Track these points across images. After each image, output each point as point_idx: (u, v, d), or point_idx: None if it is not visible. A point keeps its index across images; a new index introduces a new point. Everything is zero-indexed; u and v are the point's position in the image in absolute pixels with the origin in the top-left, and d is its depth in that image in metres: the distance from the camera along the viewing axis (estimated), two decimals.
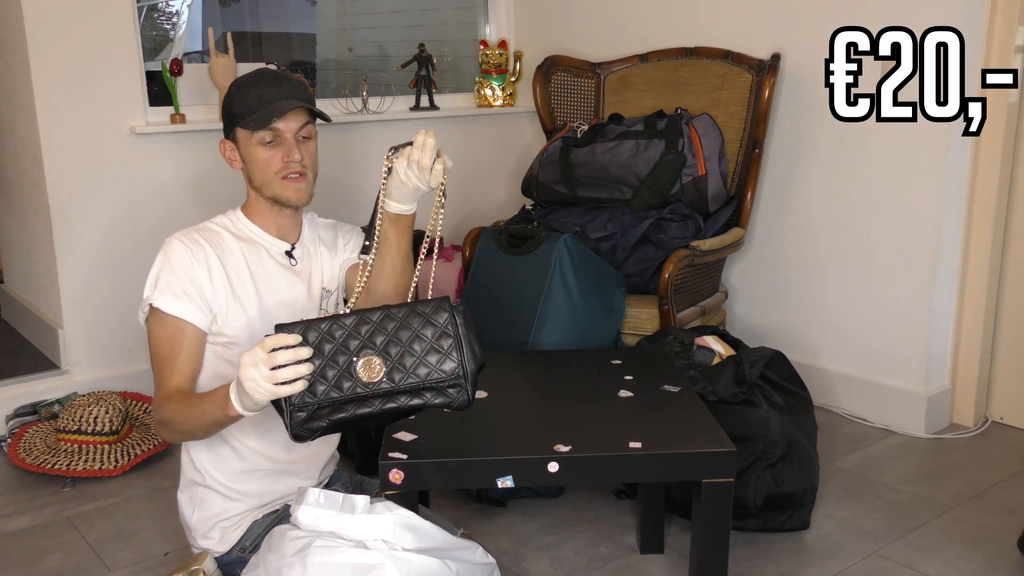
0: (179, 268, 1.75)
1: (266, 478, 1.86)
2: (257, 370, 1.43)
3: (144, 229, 3.04)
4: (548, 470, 1.60)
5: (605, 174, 2.81)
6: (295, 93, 1.80)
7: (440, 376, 1.50)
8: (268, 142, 1.78)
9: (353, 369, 1.48)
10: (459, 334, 1.52)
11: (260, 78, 1.81)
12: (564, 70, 3.23)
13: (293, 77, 1.85)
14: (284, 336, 1.45)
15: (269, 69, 1.88)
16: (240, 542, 1.84)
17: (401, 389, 1.50)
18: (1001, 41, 2.61)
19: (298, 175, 1.80)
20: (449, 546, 1.58)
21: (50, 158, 2.85)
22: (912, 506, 2.36)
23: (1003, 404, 2.87)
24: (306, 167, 1.81)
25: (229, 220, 1.87)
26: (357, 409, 1.50)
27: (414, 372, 1.50)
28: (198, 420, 1.63)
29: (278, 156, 1.79)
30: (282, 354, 1.43)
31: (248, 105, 1.78)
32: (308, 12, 4.78)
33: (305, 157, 1.80)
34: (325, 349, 1.48)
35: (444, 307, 1.53)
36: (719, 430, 1.69)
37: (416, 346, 1.51)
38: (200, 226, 1.84)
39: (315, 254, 1.94)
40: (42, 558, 2.17)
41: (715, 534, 1.69)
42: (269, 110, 1.76)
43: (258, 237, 1.86)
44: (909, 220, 2.73)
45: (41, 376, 2.98)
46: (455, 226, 3.77)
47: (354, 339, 1.49)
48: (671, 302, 2.58)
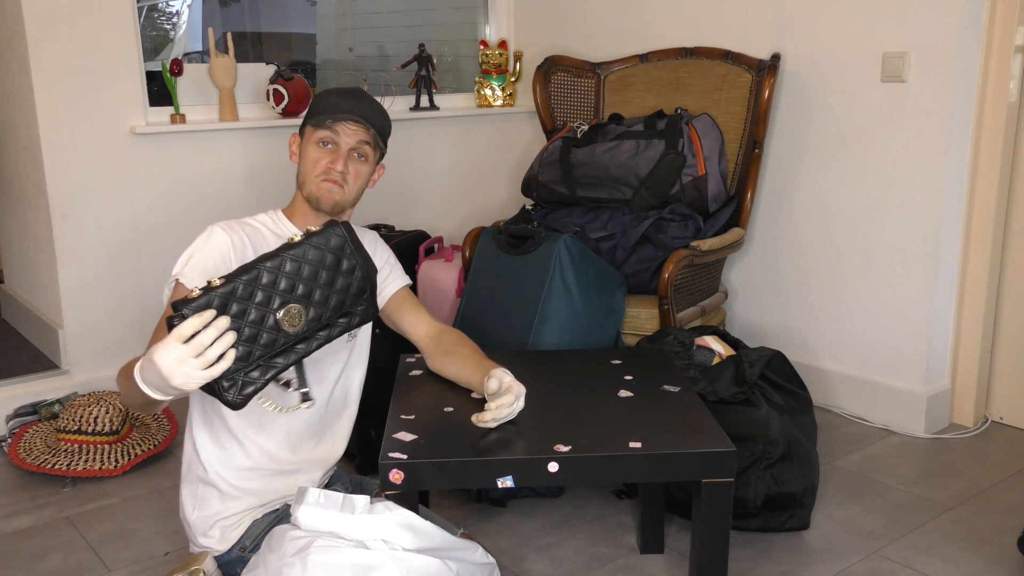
0: (216, 253, 1.77)
1: (268, 477, 1.87)
2: (185, 365, 1.36)
3: (144, 229, 3.04)
4: (548, 470, 1.60)
5: (605, 174, 2.81)
6: (366, 112, 1.88)
7: (351, 300, 1.56)
8: (325, 145, 1.86)
9: (276, 323, 1.47)
10: (354, 251, 1.57)
11: (348, 91, 1.91)
12: (564, 70, 3.23)
13: (377, 103, 1.94)
14: (195, 320, 1.37)
15: (361, 90, 1.96)
16: (240, 541, 1.84)
17: (324, 324, 1.54)
18: (1001, 41, 2.61)
19: (335, 182, 1.86)
20: (449, 546, 1.58)
21: (50, 158, 2.86)
22: (912, 506, 2.36)
23: (1003, 404, 2.87)
24: (347, 181, 1.87)
25: (270, 218, 1.92)
26: (287, 360, 1.51)
27: (330, 305, 1.54)
28: (131, 398, 1.52)
29: (326, 160, 1.86)
30: (204, 335, 1.37)
31: (322, 106, 1.87)
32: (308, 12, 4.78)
33: (349, 172, 1.86)
34: (239, 311, 1.44)
35: (337, 232, 1.57)
36: (719, 430, 1.69)
37: (324, 278, 1.54)
38: (243, 220, 1.89)
39: None
40: (42, 558, 2.17)
41: (715, 534, 1.69)
42: (333, 114, 1.84)
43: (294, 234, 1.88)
44: (909, 220, 2.74)
45: (41, 376, 2.99)
46: (455, 226, 3.77)
47: (265, 292, 1.48)
48: (671, 302, 2.58)
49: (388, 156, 3.59)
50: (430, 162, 3.70)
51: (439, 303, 2.94)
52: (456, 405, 1.82)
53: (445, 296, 2.94)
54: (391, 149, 3.59)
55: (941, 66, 2.59)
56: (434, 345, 1.98)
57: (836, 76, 2.84)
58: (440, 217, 3.75)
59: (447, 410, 1.80)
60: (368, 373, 2.05)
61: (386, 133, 1.93)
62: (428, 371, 2.01)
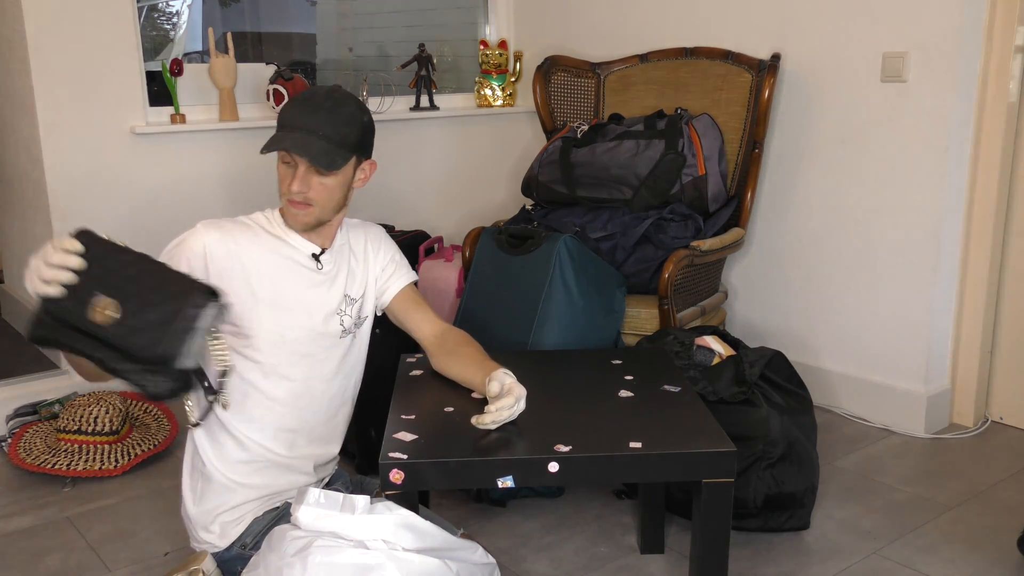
0: (188, 252, 1.75)
1: (265, 471, 1.87)
2: (35, 260, 1.48)
3: (144, 229, 3.04)
4: (548, 470, 1.60)
5: (605, 174, 2.81)
6: (318, 126, 1.75)
7: (151, 354, 1.46)
8: (286, 162, 1.79)
9: (90, 303, 1.47)
10: (194, 327, 1.48)
11: (306, 100, 1.79)
12: (564, 70, 3.23)
13: (339, 109, 1.79)
14: (71, 241, 1.47)
15: (320, 89, 1.82)
16: (240, 538, 1.84)
17: (114, 344, 1.46)
18: (1001, 41, 2.61)
19: (298, 205, 1.80)
20: (449, 546, 1.58)
21: (50, 158, 2.86)
22: (912, 506, 2.36)
23: (1003, 404, 2.87)
24: (309, 199, 1.79)
25: (265, 217, 1.90)
26: (92, 351, 1.49)
27: (132, 336, 1.46)
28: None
29: (288, 179, 1.79)
30: (54, 254, 1.46)
31: (281, 120, 1.79)
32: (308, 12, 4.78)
33: (311, 190, 1.78)
34: (91, 271, 1.47)
35: (199, 300, 1.49)
36: (719, 430, 1.69)
37: (151, 314, 1.46)
38: (238, 218, 1.87)
39: (344, 259, 1.95)
40: (42, 558, 2.17)
41: (715, 534, 1.69)
42: (276, 140, 1.76)
43: (287, 236, 1.87)
44: (909, 220, 2.74)
45: (41, 376, 2.99)
46: (455, 226, 3.77)
47: (113, 275, 1.48)
48: (671, 302, 2.58)
49: (388, 156, 3.60)
50: (430, 162, 3.70)
51: (439, 303, 2.95)
52: (456, 405, 1.82)
53: (445, 296, 2.94)
54: (391, 149, 3.61)
55: (941, 66, 2.59)
56: (438, 344, 1.98)
57: (836, 76, 2.84)
58: (440, 217, 3.75)
59: (447, 410, 1.80)
60: (369, 372, 2.05)
61: (351, 139, 1.79)
62: (429, 371, 2.01)
